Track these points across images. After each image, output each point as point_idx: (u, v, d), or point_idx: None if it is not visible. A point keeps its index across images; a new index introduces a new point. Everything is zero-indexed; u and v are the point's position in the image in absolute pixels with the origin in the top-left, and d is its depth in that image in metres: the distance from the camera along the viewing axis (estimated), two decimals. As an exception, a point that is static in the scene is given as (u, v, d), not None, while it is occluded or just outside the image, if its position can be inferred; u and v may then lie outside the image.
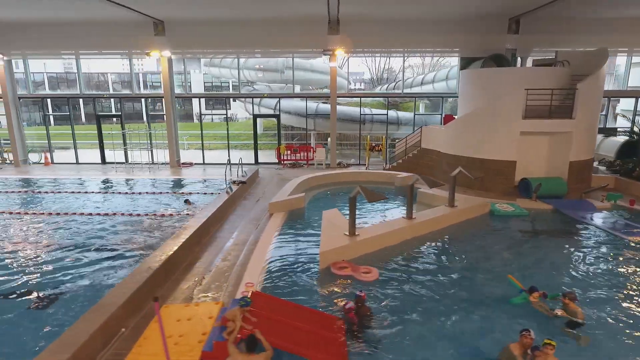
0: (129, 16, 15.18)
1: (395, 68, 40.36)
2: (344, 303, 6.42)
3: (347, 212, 8.85)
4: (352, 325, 5.91)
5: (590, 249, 9.05)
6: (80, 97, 19.55)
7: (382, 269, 7.82)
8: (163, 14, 15.98)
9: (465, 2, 14.52)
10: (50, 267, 8.20)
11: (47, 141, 19.41)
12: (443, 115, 18.04)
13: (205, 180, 15.93)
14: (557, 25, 16.12)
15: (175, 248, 7.80)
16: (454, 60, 36.71)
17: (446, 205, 10.82)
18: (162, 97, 18.07)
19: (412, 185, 9.67)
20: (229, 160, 15.32)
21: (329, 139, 22.83)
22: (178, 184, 15.67)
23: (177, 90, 19.00)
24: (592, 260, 8.41)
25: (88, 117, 34.77)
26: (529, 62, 17.14)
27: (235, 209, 11.85)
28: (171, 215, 11.53)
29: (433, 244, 9.29)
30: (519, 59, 17.11)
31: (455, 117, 17.22)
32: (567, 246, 9.22)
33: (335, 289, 7.13)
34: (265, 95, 19.64)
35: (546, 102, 12.55)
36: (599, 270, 7.93)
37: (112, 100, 25.29)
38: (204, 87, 34.87)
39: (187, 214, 11.45)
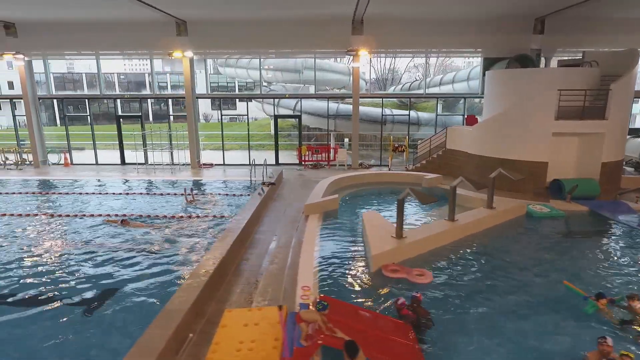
0: (152, 16, 15.08)
1: (398, 68, 40.26)
2: (395, 299, 6.35)
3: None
4: (407, 322, 5.86)
5: (638, 250, 8.98)
6: (101, 98, 19.47)
7: (435, 272, 7.74)
8: (186, 14, 15.87)
9: (490, 3, 14.44)
10: (94, 270, 8.09)
11: (57, 142, 19.30)
12: (465, 116, 17.93)
13: (230, 182, 15.84)
14: (583, 25, 16.00)
15: (226, 251, 7.73)
16: (459, 61, 36.76)
17: (484, 207, 10.75)
18: (182, 97, 18.04)
19: (455, 187, 9.58)
20: (253, 161, 15.27)
21: (345, 140, 22.78)
22: (208, 184, 15.52)
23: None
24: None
25: (94, 117, 34.65)
26: (553, 63, 17.08)
27: (267, 210, 11.76)
28: (215, 216, 11.48)
29: (479, 246, 9.20)
30: (543, 59, 17.04)
31: (477, 117, 17.17)
32: (613, 248, 9.15)
33: (392, 293, 7.03)
34: (287, 95, 19.57)
35: (578, 102, 12.49)
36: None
37: (118, 100, 25.16)
38: (210, 87, 34.88)
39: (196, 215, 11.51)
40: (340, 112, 19.60)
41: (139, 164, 18.58)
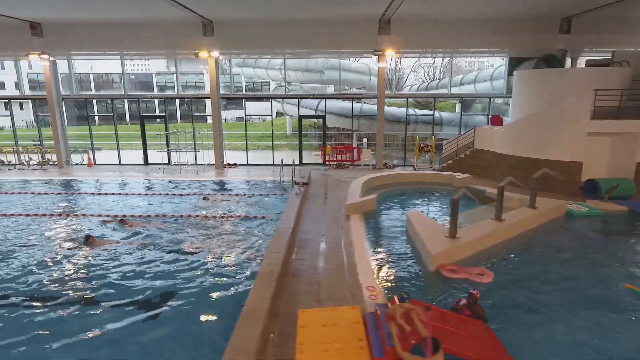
0: (178, 16, 15.05)
1: (403, 68, 40.05)
2: (456, 301, 6.34)
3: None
4: None
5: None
6: (125, 98, 19.47)
7: (494, 271, 7.73)
8: (213, 14, 15.85)
9: (517, 3, 14.42)
10: (144, 273, 8.06)
11: (85, 142, 19.33)
12: (490, 116, 17.94)
13: (259, 182, 15.82)
14: (611, 25, 15.99)
15: (284, 249, 7.73)
16: (462, 62, 36.57)
17: (526, 206, 10.75)
18: (207, 97, 18.02)
19: (502, 188, 9.58)
20: (282, 161, 15.29)
21: (364, 140, 22.77)
22: (238, 185, 15.50)
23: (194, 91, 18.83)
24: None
25: (102, 118, 34.72)
26: (581, 63, 17.07)
27: (304, 210, 11.75)
28: (255, 217, 11.46)
29: (530, 245, 9.22)
30: (568, 59, 17.04)
31: (502, 117, 17.18)
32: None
33: (455, 293, 7.02)
34: (312, 95, 19.56)
35: (611, 102, 12.50)
36: None
37: (125, 101, 25.19)
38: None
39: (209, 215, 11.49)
40: (364, 112, 19.58)
41: (164, 164, 18.57)
